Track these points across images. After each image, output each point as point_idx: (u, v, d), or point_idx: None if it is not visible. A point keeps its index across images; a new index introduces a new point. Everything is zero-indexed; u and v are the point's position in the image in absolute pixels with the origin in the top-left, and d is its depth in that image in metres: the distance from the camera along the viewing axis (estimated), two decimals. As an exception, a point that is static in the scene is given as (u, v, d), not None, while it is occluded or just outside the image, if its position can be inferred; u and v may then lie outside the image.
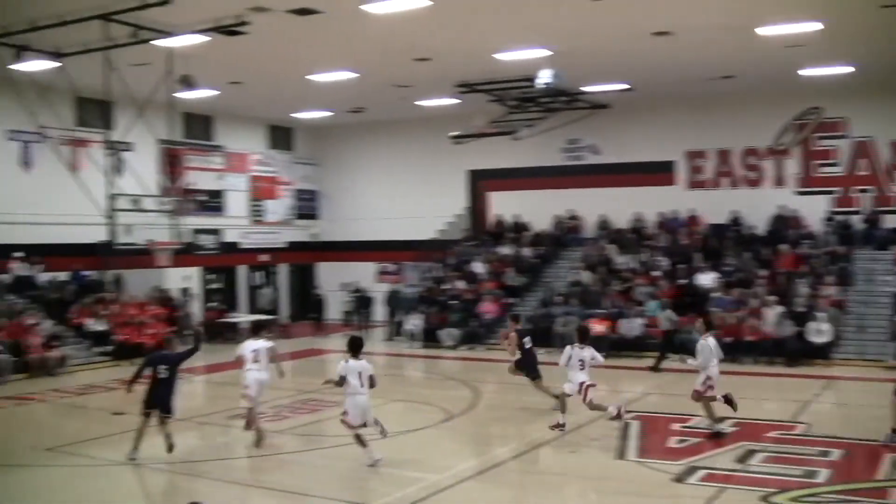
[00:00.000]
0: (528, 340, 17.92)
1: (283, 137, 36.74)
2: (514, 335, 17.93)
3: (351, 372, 13.26)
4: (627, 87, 27.48)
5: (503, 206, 34.20)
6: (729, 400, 15.56)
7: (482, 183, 34.78)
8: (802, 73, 25.37)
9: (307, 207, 37.93)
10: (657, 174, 31.09)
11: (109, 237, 22.79)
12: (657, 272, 28.26)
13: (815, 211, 28.67)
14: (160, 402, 13.89)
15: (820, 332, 23.65)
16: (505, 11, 19.33)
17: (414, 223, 34.70)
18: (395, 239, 35.27)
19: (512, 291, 30.14)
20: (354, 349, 13.49)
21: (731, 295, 25.95)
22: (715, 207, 29.90)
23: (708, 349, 15.34)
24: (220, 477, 13.28)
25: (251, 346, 15.28)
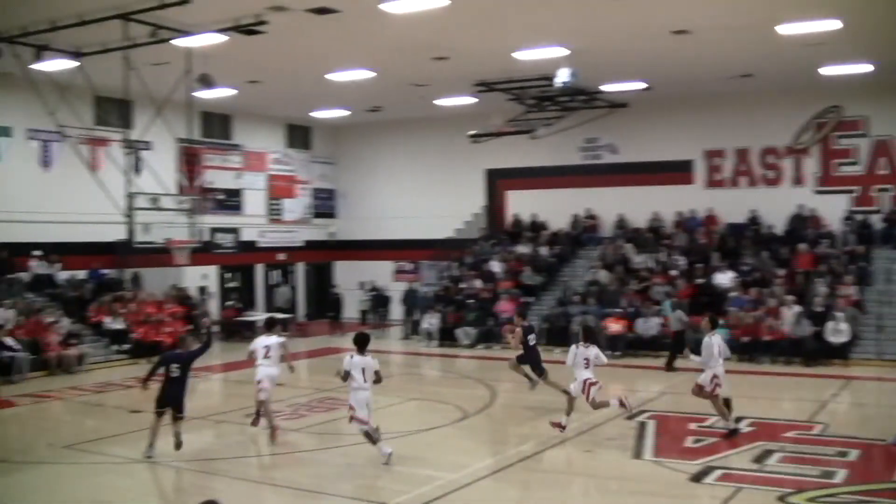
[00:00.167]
0: (532, 337, 18.17)
1: (300, 136, 36.82)
2: (519, 330, 18.11)
3: (355, 367, 13.43)
4: (645, 86, 27.41)
5: (520, 205, 34.16)
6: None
7: (500, 182, 34.74)
8: (821, 71, 25.25)
9: (324, 206, 37.99)
10: (675, 173, 30.98)
11: (128, 236, 22.86)
12: (674, 271, 28.19)
13: (834, 210, 28.50)
14: (172, 400, 14.06)
15: (838, 331, 23.53)
16: (523, 10, 19.31)
17: (431, 222, 34.71)
18: (412, 238, 35.28)
19: (529, 290, 30.13)
20: (360, 345, 13.64)
21: (748, 294, 25.89)
22: (733, 207, 29.79)
23: (711, 346, 15.34)
24: (236, 475, 13.32)
25: (263, 342, 15.50)
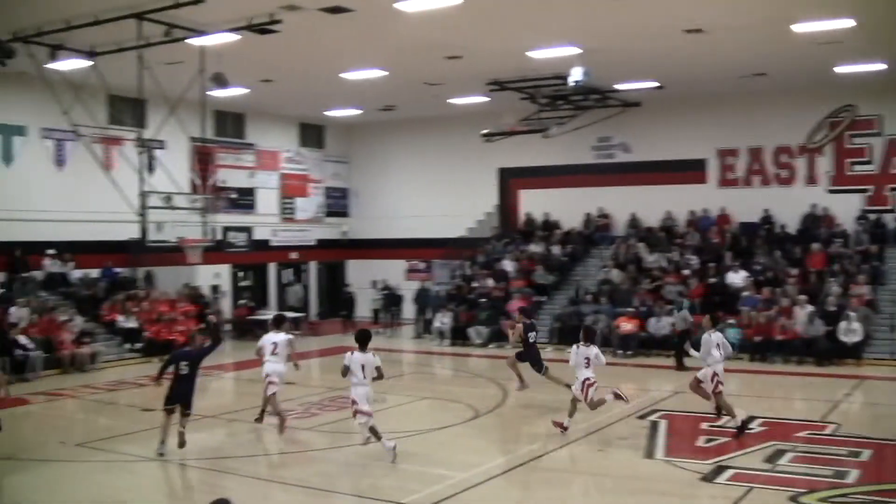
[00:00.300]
0: (532, 335, 18.36)
1: (313, 135, 36.86)
2: (520, 326, 18.33)
3: (355, 363, 13.72)
4: (658, 85, 27.36)
5: (533, 204, 34.14)
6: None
7: (512, 181, 34.72)
8: (835, 70, 25.17)
9: (337, 205, 38.03)
10: (688, 172, 30.89)
11: (141, 234, 22.93)
12: (687, 271, 28.15)
13: (847, 209, 28.38)
14: (182, 397, 14.27)
15: (851, 331, 23.47)
16: (536, 9, 19.26)
17: (444, 221, 34.72)
18: (424, 237, 35.30)
19: (541, 289, 30.13)
20: (361, 342, 13.90)
21: (761, 294, 25.84)
22: (746, 206, 29.73)
23: (710, 343, 15.48)
24: (247, 473, 13.36)
25: (271, 338, 15.77)
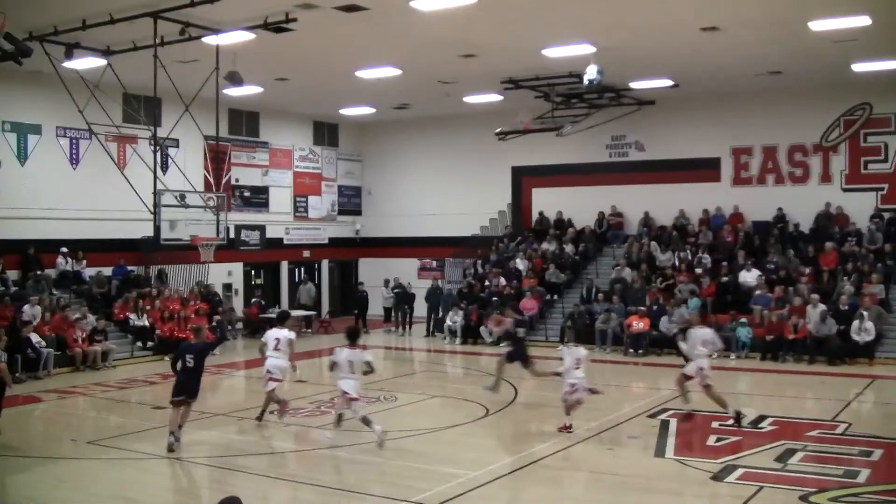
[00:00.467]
0: (521, 330, 18.73)
1: (327, 133, 36.91)
2: (509, 321, 18.71)
3: (343, 359, 14.27)
4: (673, 83, 27.30)
5: (546, 202, 34.10)
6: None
7: (525, 179, 34.71)
8: (851, 68, 25.09)
9: (350, 203, 38.09)
10: (702, 171, 30.82)
11: (154, 233, 23.00)
12: (699, 269, 28.10)
13: (861, 208, 28.24)
14: (188, 389, 14.54)
15: (863, 330, 23.38)
16: (550, 7, 19.26)
17: (456, 219, 34.74)
18: (437, 235, 35.34)
19: (553, 288, 30.11)
20: (351, 338, 14.47)
21: (773, 293, 25.77)
22: (760, 204, 29.67)
23: (696, 338, 15.85)
24: (257, 471, 13.39)
25: (274, 333, 16.14)
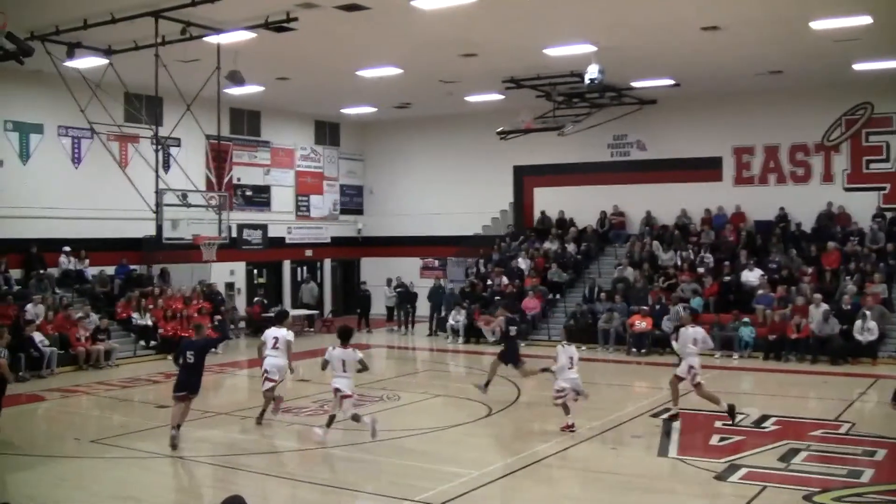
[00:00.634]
0: (513, 329, 18.64)
1: (329, 133, 36.91)
2: (501, 319, 18.70)
3: (335, 359, 14.47)
4: (674, 82, 27.30)
5: (548, 201, 34.10)
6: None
7: (527, 178, 34.70)
8: (852, 67, 25.09)
9: (352, 203, 38.09)
10: (704, 170, 30.81)
11: (156, 232, 23.01)
12: (702, 269, 28.10)
13: (863, 208, 28.22)
14: (189, 385, 14.72)
15: (866, 330, 23.36)
16: (552, 6, 19.24)
17: (458, 219, 34.77)
18: (439, 234, 35.37)
19: (555, 287, 30.11)
20: (343, 338, 14.64)
21: (775, 292, 25.77)
22: (761, 204, 29.66)
23: (687, 337, 15.89)
24: (260, 470, 13.39)
25: (273, 332, 16.25)
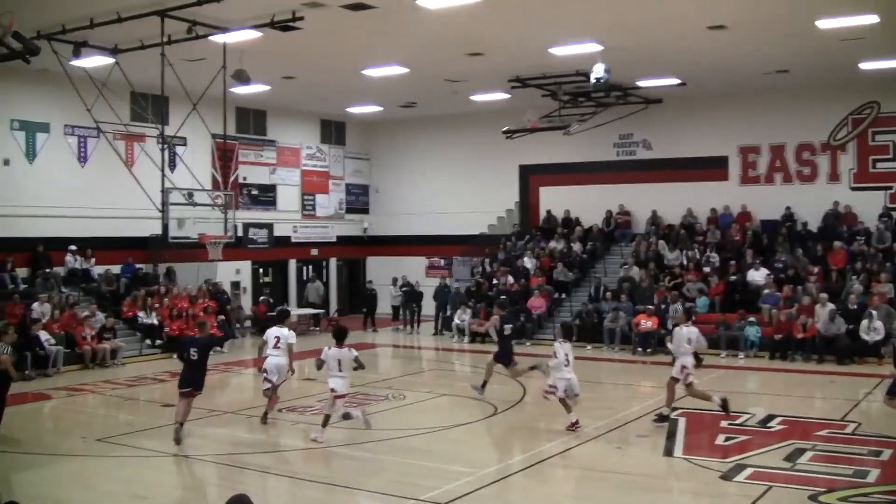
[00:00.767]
0: (508, 328, 18.73)
1: (334, 132, 36.94)
2: (495, 318, 18.71)
3: (331, 358, 14.59)
4: (680, 81, 27.28)
5: (554, 200, 34.11)
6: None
7: (533, 178, 34.70)
8: (859, 66, 25.05)
9: (358, 202, 38.13)
10: (709, 170, 30.78)
11: (162, 231, 23.05)
12: (708, 268, 28.07)
13: (870, 207, 28.15)
14: (193, 382, 14.94)
15: (872, 329, 23.31)
16: (558, 5, 19.24)
17: (464, 218, 34.79)
18: (444, 234, 35.39)
19: (561, 287, 30.10)
20: (338, 338, 14.79)
21: (782, 292, 25.73)
22: (767, 203, 29.63)
23: (682, 337, 15.73)
24: (266, 469, 13.40)
25: (274, 332, 16.33)
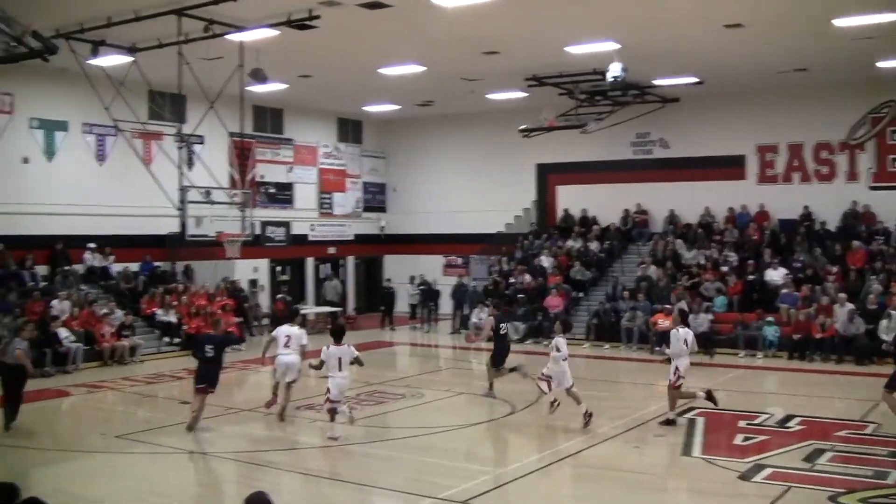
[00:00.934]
0: (503, 327, 18.78)
1: (351, 130, 36.98)
2: (490, 319, 18.84)
3: (331, 357, 14.61)
4: (697, 80, 27.20)
5: (571, 199, 34.07)
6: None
7: (550, 176, 34.67)
8: (877, 65, 24.93)
9: (375, 200, 38.17)
10: (727, 168, 30.66)
11: (180, 229, 23.13)
12: (725, 267, 27.99)
13: (889, 206, 27.94)
14: (208, 378, 15.24)
15: (892, 329, 23.13)
16: (574, 4, 19.21)
17: (481, 216, 34.82)
18: (462, 232, 35.42)
19: (578, 286, 30.07)
20: (336, 336, 14.90)
21: (800, 291, 25.63)
22: (785, 202, 29.48)
23: (679, 339, 15.69)
24: (284, 466, 13.43)
25: (285, 331, 16.57)
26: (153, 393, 20.10)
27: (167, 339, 25.79)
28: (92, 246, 26.95)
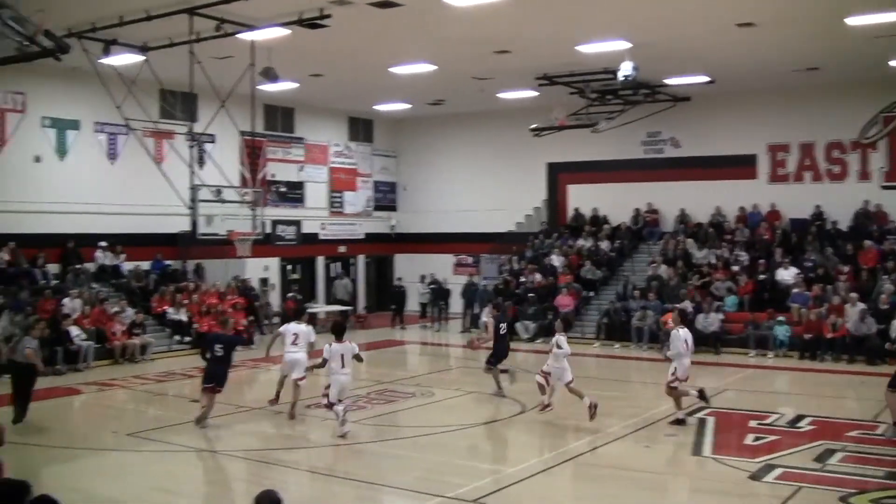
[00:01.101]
0: (503, 327, 18.77)
1: (362, 129, 37.00)
2: (490, 321, 18.81)
3: (333, 355, 14.55)
4: (709, 79, 27.15)
5: (582, 198, 34.03)
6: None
7: (561, 175, 34.63)
8: (890, 64, 24.84)
9: (385, 199, 38.18)
10: (738, 168, 30.57)
11: (191, 227, 23.18)
12: (736, 267, 27.93)
13: (901, 206, 27.99)
14: (217, 377, 15.32)
15: (902, 329, 23.14)
16: (585, 3, 19.23)
17: (492, 215, 34.82)
18: (472, 231, 35.42)
19: (589, 285, 30.03)
20: (337, 334, 14.84)
21: (811, 291, 25.56)
22: (797, 202, 29.39)
23: (679, 340, 15.77)
24: (294, 465, 13.46)
25: (293, 328, 16.75)
26: (164, 391, 20.14)
27: (178, 337, 25.84)
28: (103, 244, 27.02)
